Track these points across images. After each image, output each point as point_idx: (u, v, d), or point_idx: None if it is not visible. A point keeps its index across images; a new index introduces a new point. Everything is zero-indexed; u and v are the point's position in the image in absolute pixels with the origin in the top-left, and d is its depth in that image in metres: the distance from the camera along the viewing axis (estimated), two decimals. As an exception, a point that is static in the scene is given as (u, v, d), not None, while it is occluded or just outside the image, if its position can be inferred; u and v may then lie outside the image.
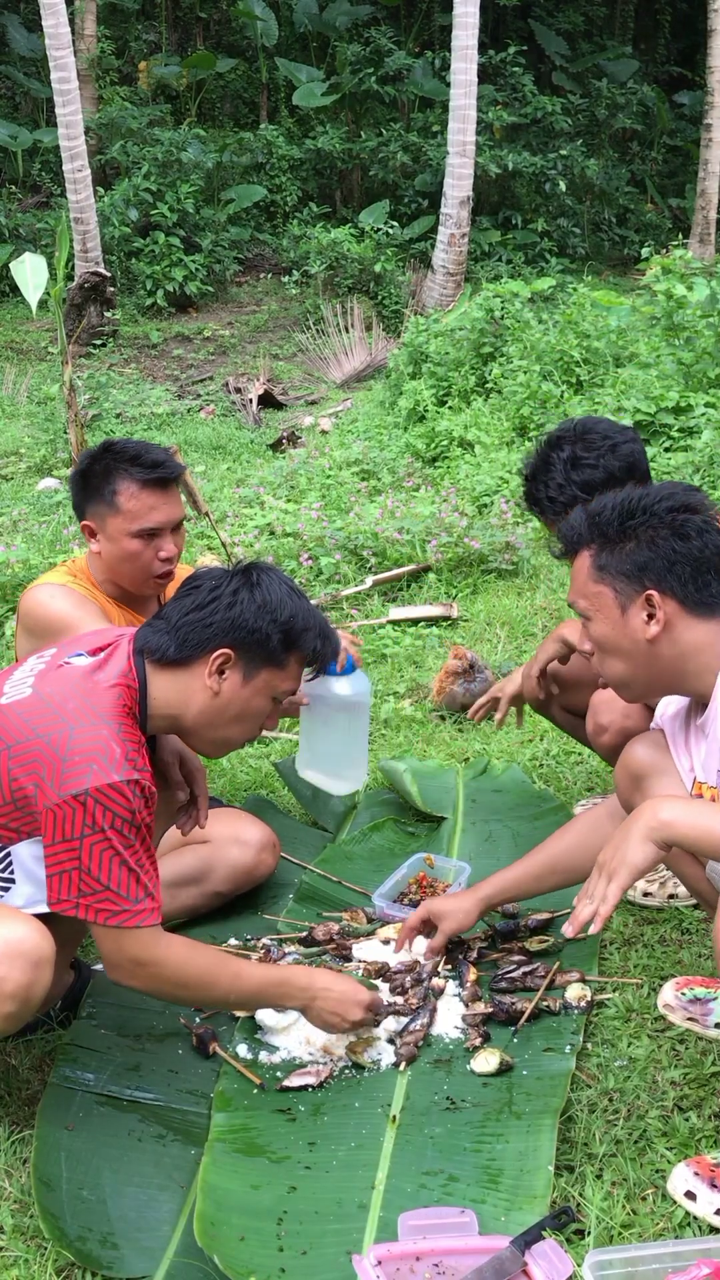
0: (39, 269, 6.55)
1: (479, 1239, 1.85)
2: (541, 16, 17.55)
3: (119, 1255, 1.90)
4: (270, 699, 2.20)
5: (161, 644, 2.13)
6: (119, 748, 1.99)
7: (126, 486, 2.82)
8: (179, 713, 2.15)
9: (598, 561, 2.08)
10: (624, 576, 2.05)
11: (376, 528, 5.63)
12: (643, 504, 2.06)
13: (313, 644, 2.20)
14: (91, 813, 1.94)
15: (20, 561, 5.20)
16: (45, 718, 2.02)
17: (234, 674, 2.14)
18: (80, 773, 1.95)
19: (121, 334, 12.15)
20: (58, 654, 2.18)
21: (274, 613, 2.14)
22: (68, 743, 1.97)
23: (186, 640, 2.12)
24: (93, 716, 2.01)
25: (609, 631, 2.08)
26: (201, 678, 2.13)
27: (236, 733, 2.22)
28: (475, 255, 14.28)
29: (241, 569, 2.20)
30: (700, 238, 14.26)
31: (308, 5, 16.49)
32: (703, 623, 2.03)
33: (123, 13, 16.65)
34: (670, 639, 2.04)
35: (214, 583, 2.17)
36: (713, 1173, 1.94)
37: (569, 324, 7.71)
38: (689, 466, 5.97)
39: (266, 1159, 2.07)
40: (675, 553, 2.02)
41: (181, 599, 2.17)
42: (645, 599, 2.03)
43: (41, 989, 1.98)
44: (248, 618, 2.12)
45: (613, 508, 2.09)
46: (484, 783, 3.55)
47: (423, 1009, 2.42)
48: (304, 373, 11.51)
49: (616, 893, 1.90)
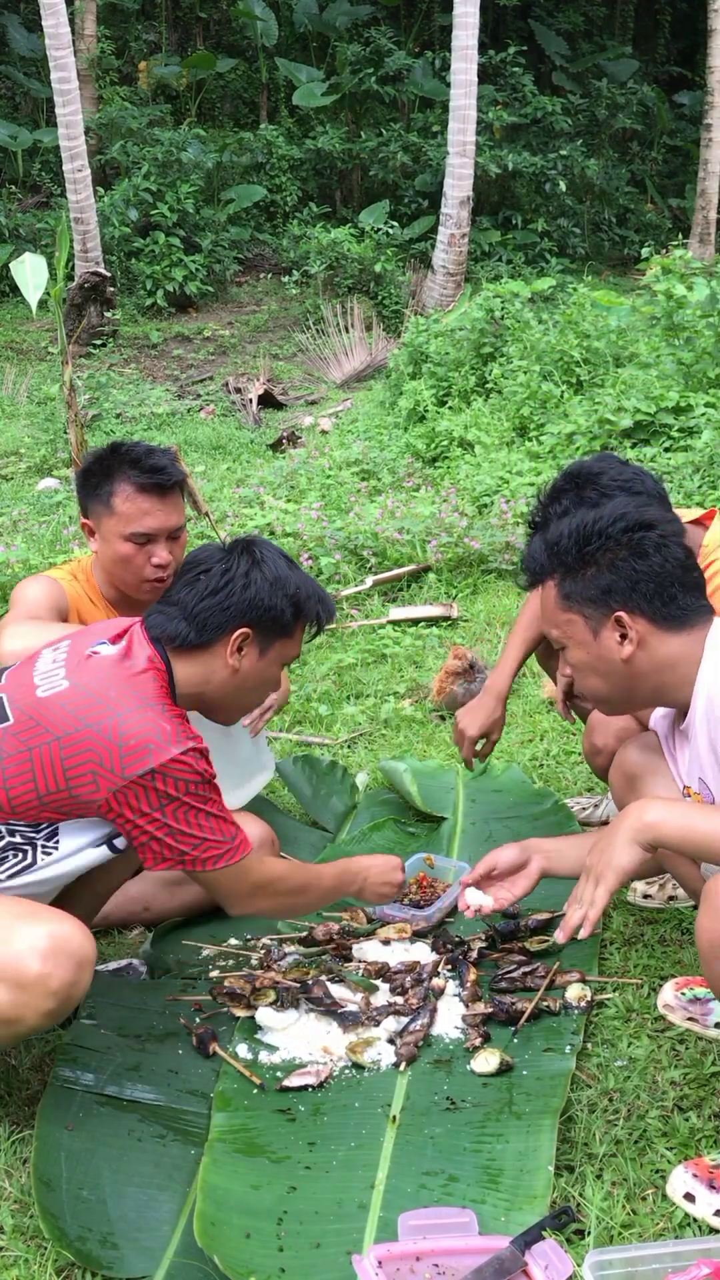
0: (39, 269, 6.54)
1: (479, 1239, 1.85)
2: (541, 16, 17.55)
3: (119, 1255, 1.90)
4: (280, 666, 2.33)
5: (180, 630, 2.20)
6: (168, 724, 2.08)
7: (123, 488, 2.80)
8: (202, 690, 2.25)
9: (563, 590, 2.10)
10: (591, 602, 2.06)
11: (376, 528, 5.63)
12: (598, 528, 2.07)
13: (315, 609, 2.32)
14: (164, 787, 2.05)
15: (20, 561, 5.21)
16: (90, 707, 2.08)
17: (252, 650, 2.25)
18: (140, 754, 2.04)
19: (121, 334, 12.15)
20: (77, 645, 2.22)
21: (284, 587, 2.25)
22: (119, 729, 2.05)
23: (207, 624, 2.20)
24: (136, 701, 2.09)
25: (585, 656, 2.10)
26: (223, 657, 2.23)
27: (253, 700, 2.36)
28: (475, 255, 14.29)
29: (241, 547, 2.28)
30: (700, 238, 14.27)
31: (308, 5, 16.50)
32: (675, 635, 2.05)
33: (123, 13, 16.65)
34: (645, 655, 2.05)
35: (223, 565, 2.24)
36: (711, 1174, 1.94)
37: (569, 324, 7.72)
38: (689, 466, 5.97)
39: (266, 1159, 2.07)
40: (637, 572, 2.04)
41: (192, 584, 2.23)
42: (615, 621, 2.05)
43: (82, 989, 2.03)
44: (263, 597, 2.22)
45: (569, 535, 2.10)
46: (484, 783, 3.55)
47: (423, 1009, 2.42)
48: (304, 373, 11.51)
49: (604, 896, 1.91)
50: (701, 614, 2.07)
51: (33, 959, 1.95)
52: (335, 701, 4.28)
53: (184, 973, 2.65)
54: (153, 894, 2.79)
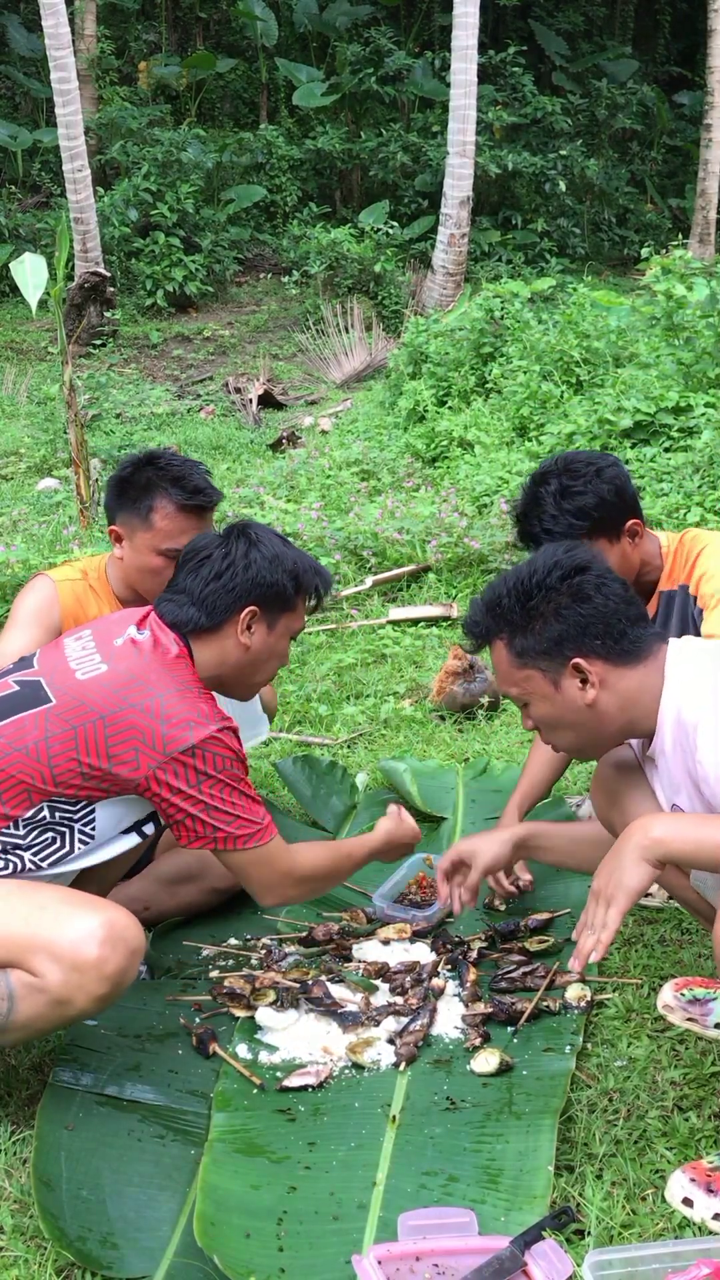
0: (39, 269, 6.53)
1: (479, 1239, 1.85)
2: (541, 16, 17.55)
3: (119, 1255, 1.90)
4: (287, 639, 2.44)
5: (191, 616, 2.31)
6: (206, 705, 2.23)
7: (164, 505, 2.81)
8: (219, 671, 2.36)
9: (515, 649, 2.10)
10: (545, 655, 2.07)
11: (376, 528, 5.63)
12: (535, 581, 2.09)
13: (313, 581, 2.43)
14: (202, 763, 2.17)
15: (20, 561, 5.20)
16: (133, 688, 2.19)
17: (260, 626, 2.35)
18: (181, 731, 2.16)
19: (121, 334, 12.15)
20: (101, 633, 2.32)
21: (283, 563, 2.36)
22: (162, 708, 2.17)
23: (215, 608, 2.31)
24: (176, 683, 2.22)
25: (550, 710, 2.10)
26: (234, 637, 2.34)
27: (265, 674, 2.45)
28: (475, 255, 14.29)
29: (237, 531, 2.39)
30: (700, 238, 14.27)
31: (308, 5, 16.49)
32: (633, 669, 2.06)
33: (123, 13, 16.65)
34: (609, 695, 2.06)
35: (223, 550, 2.35)
36: (709, 1178, 1.94)
37: (569, 324, 7.71)
38: (689, 466, 5.97)
39: (266, 1159, 2.07)
40: (583, 616, 2.05)
41: (196, 571, 2.34)
42: (573, 668, 2.05)
43: (131, 978, 2.09)
44: (265, 574, 2.33)
45: (509, 594, 2.11)
46: (484, 783, 3.55)
47: (423, 1009, 2.42)
48: (304, 373, 11.51)
49: (616, 918, 1.90)
50: (652, 641, 2.08)
51: (91, 943, 2.02)
52: (335, 701, 4.28)
53: (184, 973, 2.65)
54: (153, 893, 2.79)
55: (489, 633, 2.14)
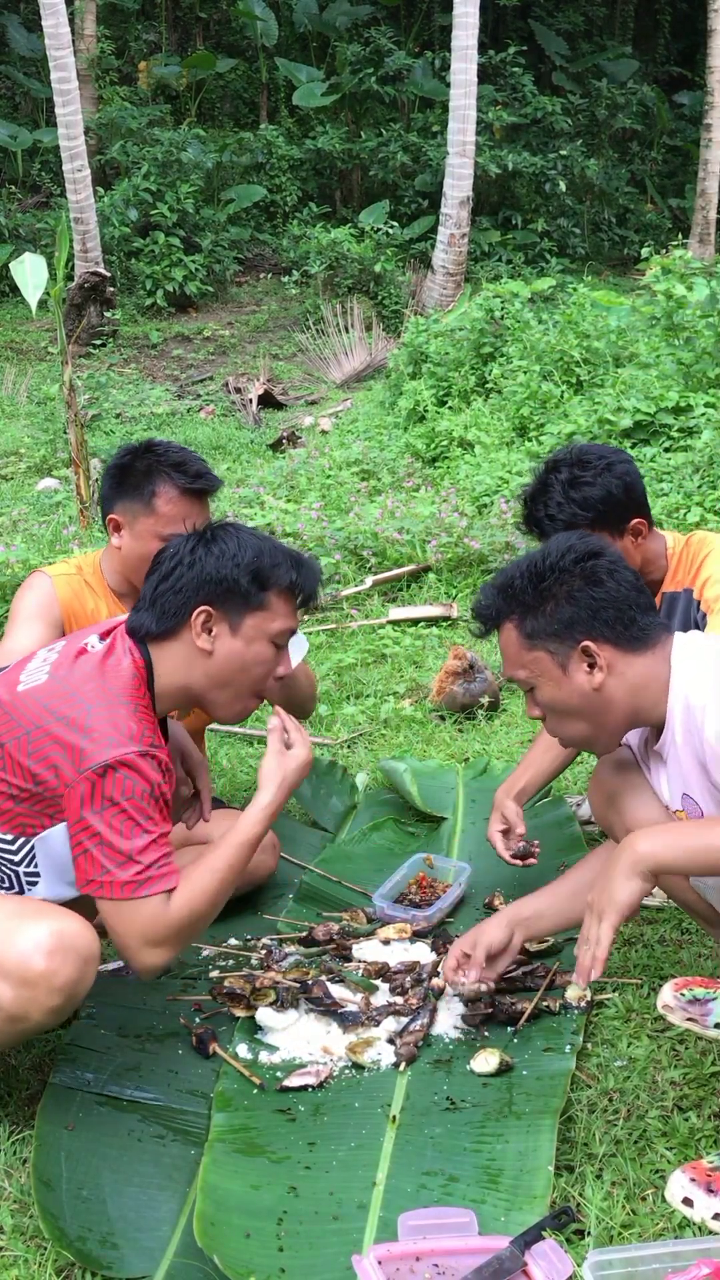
0: (39, 269, 6.53)
1: (479, 1239, 1.85)
2: (541, 16, 17.56)
3: (119, 1255, 1.90)
4: (269, 643, 2.20)
5: (144, 622, 2.16)
6: (135, 725, 2.04)
7: (166, 490, 2.81)
8: (186, 682, 2.18)
9: (525, 630, 2.10)
10: (555, 637, 2.07)
11: (376, 528, 5.63)
12: (549, 563, 2.09)
13: (287, 576, 2.20)
14: (110, 787, 1.99)
15: (20, 561, 5.20)
16: (63, 700, 2.07)
17: (221, 628, 2.16)
18: (99, 748, 1.99)
19: (121, 334, 12.15)
20: (70, 644, 2.21)
21: (235, 557, 2.15)
22: (86, 722, 2.02)
23: (165, 611, 2.15)
24: (109, 697, 2.06)
25: (556, 693, 2.10)
26: (191, 642, 2.15)
27: (246, 684, 2.23)
28: (475, 255, 14.29)
29: (201, 532, 2.22)
30: (700, 238, 14.27)
31: (308, 5, 16.49)
32: (640, 656, 2.06)
33: (123, 13, 16.65)
34: (616, 681, 2.06)
35: (173, 550, 2.19)
36: (709, 1178, 1.94)
37: (569, 324, 7.71)
38: (689, 466, 5.97)
39: (266, 1159, 2.07)
40: (595, 600, 2.05)
41: (150, 575, 2.20)
42: (582, 650, 2.05)
43: (87, 986, 2.02)
44: (210, 570, 2.14)
45: (522, 575, 2.11)
46: (484, 783, 3.55)
47: (423, 1009, 2.42)
48: (304, 373, 11.51)
49: (609, 932, 1.93)
50: (659, 631, 2.09)
51: (38, 956, 1.95)
52: (335, 701, 4.28)
53: (184, 973, 2.65)
54: None
55: (499, 614, 2.14)
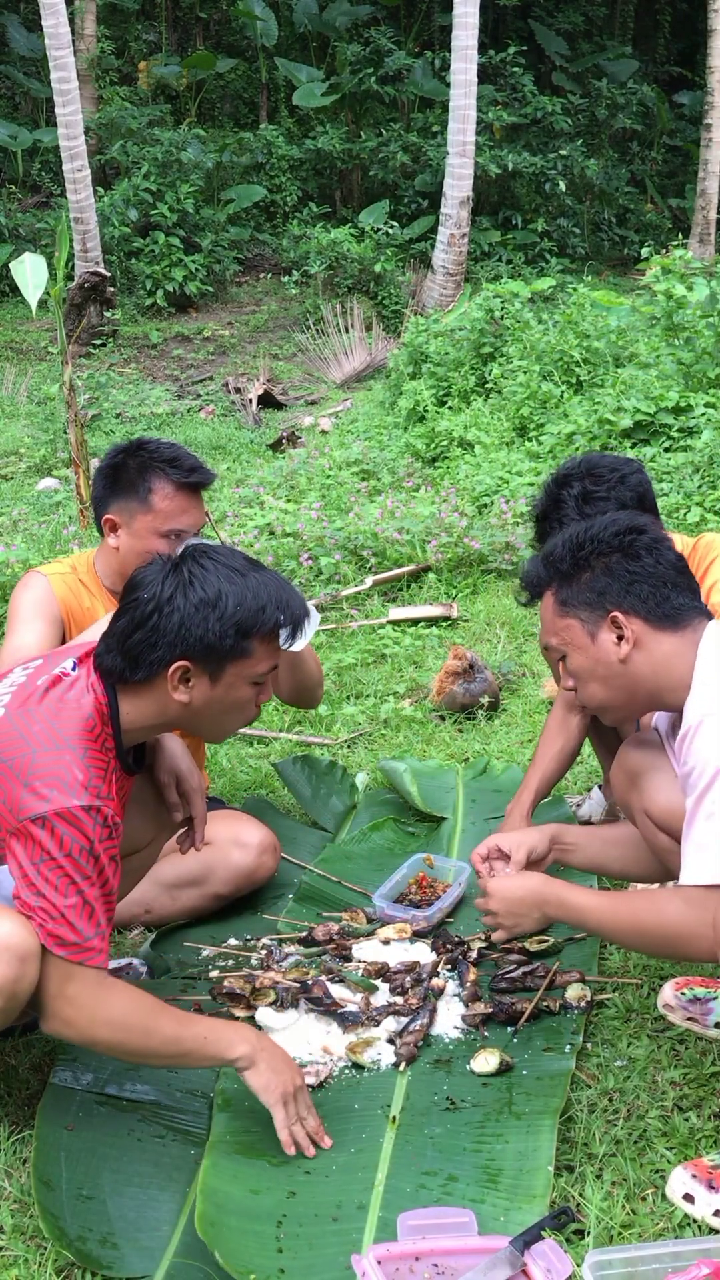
0: (39, 269, 6.53)
1: (478, 1239, 1.85)
2: (541, 16, 17.55)
3: (119, 1255, 1.90)
4: (250, 685, 2.10)
5: (115, 666, 2.04)
6: (80, 773, 1.93)
7: (162, 486, 2.81)
8: (161, 721, 2.09)
9: (560, 597, 2.13)
10: (587, 606, 2.10)
11: (376, 528, 5.63)
12: (590, 534, 2.12)
13: (272, 619, 2.05)
14: (46, 840, 1.89)
15: (20, 561, 5.21)
16: (11, 740, 1.97)
17: (200, 680, 2.04)
18: (39, 797, 1.90)
19: (121, 334, 12.15)
20: (42, 666, 2.13)
21: (217, 609, 2.01)
22: (30, 767, 1.93)
23: (139, 661, 2.02)
24: (57, 740, 1.96)
25: (584, 661, 2.12)
26: (167, 692, 2.04)
27: (230, 723, 2.15)
28: (475, 255, 14.29)
29: (173, 564, 2.06)
30: (700, 238, 14.27)
31: (308, 5, 16.49)
32: (670, 635, 2.07)
33: (123, 13, 16.66)
34: (642, 656, 2.08)
35: (147, 593, 2.03)
36: (710, 1175, 1.94)
37: (569, 324, 7.71)
38: (689, 466, 5.97)
39: (267, 1162, 2.06)
40: (630, 573, 2.07)
41: (123, 614, 2.06)
42: (611, 620, 2.07)
43: (28, 984, 1.92)
44: (191, 626, 2.00)
45: (563, 544, 2.14)
46: (484, 783, 3.55)
47: (423, 1009, 2.42)
48: (304, 373, 11.51)
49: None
50: (694, 614, 2.09)
51: None
52: (335, 701, 4.28)
53: (184, 973, 2.65)
54: (154, 897, 2.79)
55: (541, 583, 2.17)
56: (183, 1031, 2.03)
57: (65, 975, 1.94)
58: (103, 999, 1.96)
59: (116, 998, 1.98)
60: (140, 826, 2.30)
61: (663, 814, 2.21)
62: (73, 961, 1.93)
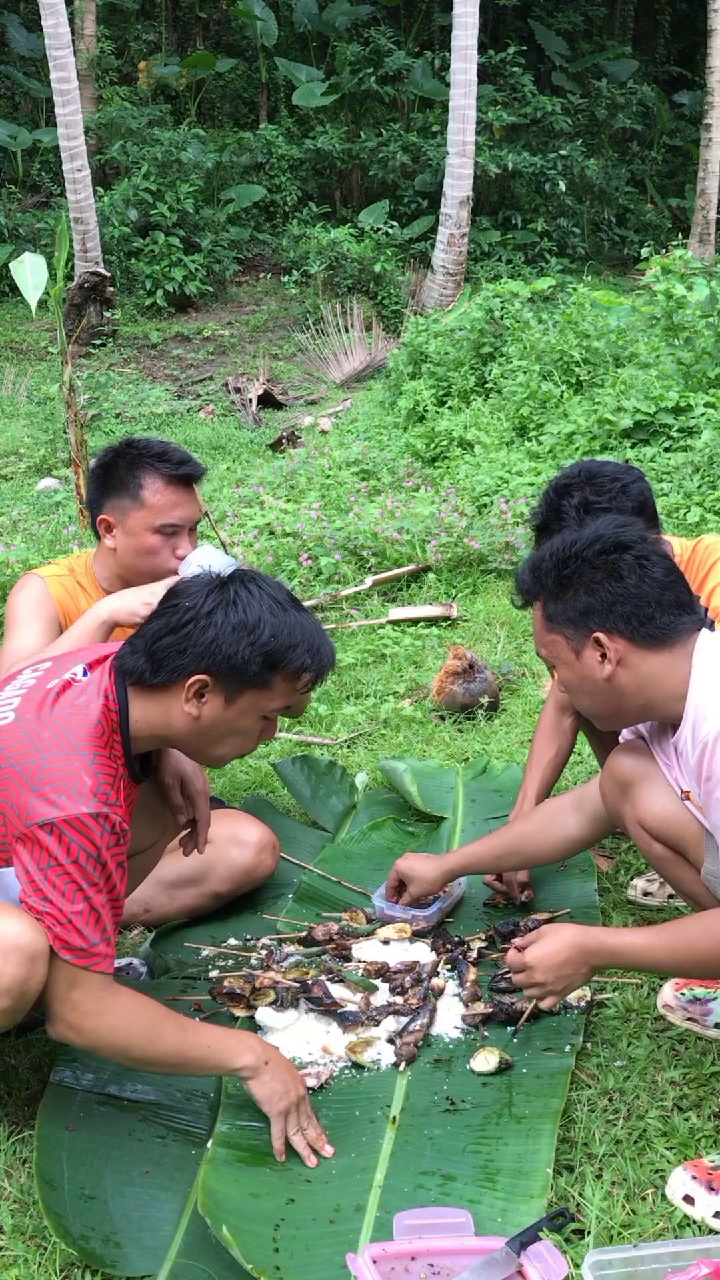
0: (39, 269, 6.52)
1: (475, 1239, 1.85)
2: (541, 16, 17.55)
3: (122, 1254, 1.91)
4: (259, 718, 2.11)
5: (138, 667, 2.05)
6: (90, 780, 1.94)
7: (152, 481, 2.83)
8: (163, 733, 2.09)
9: (547, 612, 2.15)
10: (571, 623, 2.11)
11: (376, 528, 5.63)
12: (574, 551, 2.12)
13: (300, 660, 2.07)
14: (54, 846, 1.90)
15: (20, 561, 5.21)
16: (21, 745, 1.98)
17: (215, 698, 2.05)
18: (48, 803, 1.91)
19: (121, 334, 12.15)
20: (52, 669, 2.13)
21: (252, 634, 2.02)
22: (39, 772, 1.94)
23: (162, 665, 2.03)
24: (66, 746, 1.96)
25: (571, 675, 2.16)
26: (180, 702, 2.04)
27: (227, 750, 2.14)
28: (475, 255, 14.28)
29: (220, 582, 2.08)
30: (700, 238, 14.26)
31: (308, 5, 16.49)
32: (656, 654, 2.08)
33: (123, 13, 16.65)
34: (628, 674, 2.09)
35: (189, 602, 2.05)
36: (710, 1176, 1.94)
37: (569, 324, 7.71)
38: (689, 466, 5.97)
39: (268, 1169, 2.06)
40: (613, 594, 2.08)
41: (159, 616, 2.08)
42: (594, 641, 2.09)
43: (37, 984, 1.93)
44: (223, 643, 2.01)
45: (549, 558, 2.15)
46: (484, 783, 3.55)
47: (422, 1009, 2.42)
48: (304, 373, 11.51)
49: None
50: (684, 630, 2.09)
51: None
52: (335, 701, 4.27)
53: (184, 973, 2.65)
54: (152, 895, 2.79)
55: (532, 592, 2.19)
56: (186, 1039, 2.05)
57: (71, 981, 1.95)
58: (108, 1005, 1.98)
59: (122, 1004, 2.00)
60: (144, 828, 2.30)
61: (657, 823, 2.22)
62: (78, 966, 1.94)
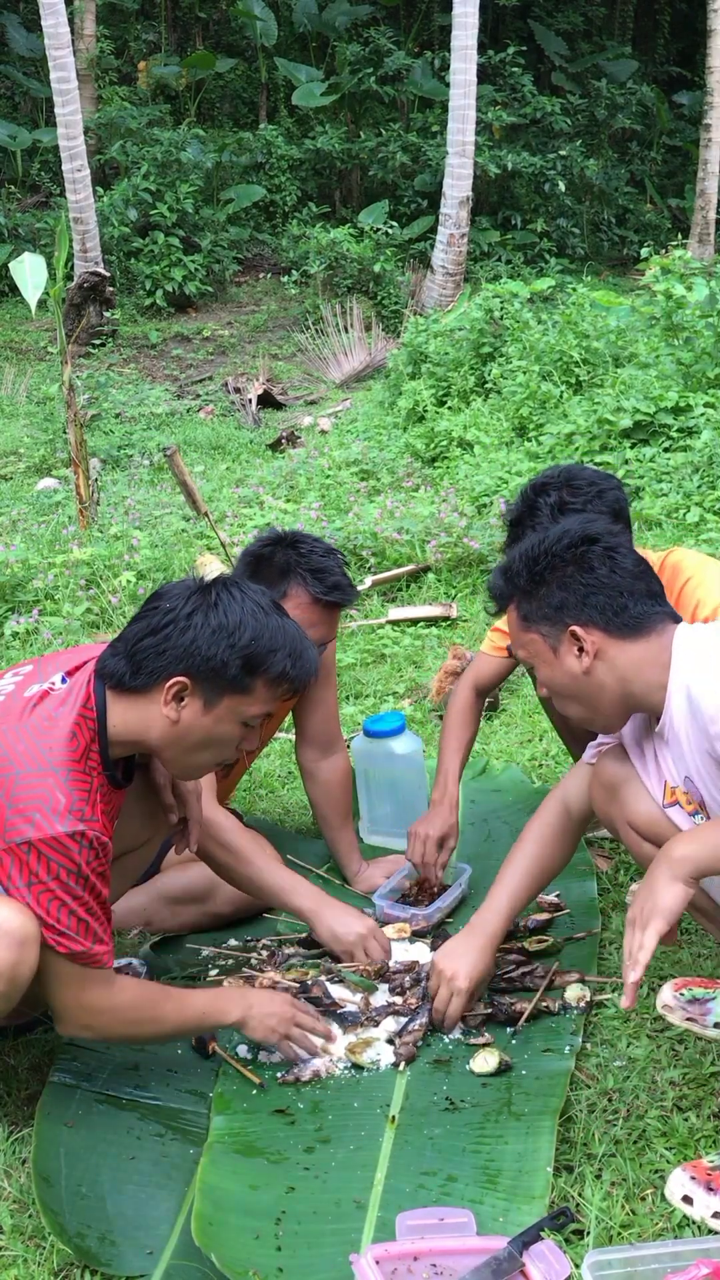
0: (38, 269, 6.52)
1: (477, 1239, 1.85)
2: (541, 16, 17.55)
3: (117, 1252, 1.90)
4: (239, 724, 2.10)
5: (118, 669, 2.04)
6: (64, 797, 1.93)
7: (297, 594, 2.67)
8: (141, 738, 2.08)
9: (521, 612, 2.15)
10: (546, 620, 2.11)
11: (376, 528, 5.63)
12: (544, 548, 2.12)
13: (281, 665, 2.07)
14: (34, 864, 1.92)
15: (19, 561, 5.20)
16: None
17: (193, 701, 2.05)
18: (23, 821, 1.91)
19: (121, 334, 12.15)
20: (32, 674, 2.12)
21: (232, 637, 2.02)
22: (12, 789, 1.93)
23: (141, 667, 2.03)
24: (40, 762, 1.95)
25: (551, 674, 2.15)
26: (159, 705, 2.04)
27: (204, 759, 2.14)
28: (475, 255, 14.28)
29: (202, 586, 2.08)
30: (700, 238, 14.26)
31: (307, 5, 16.48)
32: (633, 643, 2.08)
33: (122, 13, 16.65)
34: (605, 666, 2.08)
35: (170, 604, 2.05)
36: (709, 1176, 1.94)
37: (568, 324, 7.71)
38: (688, 466, 5.97)
39: (265, 1159, 2.07)
40: (585, 586, 2.08)
41: (140, 619, 2.08)
42: (570, 635, 2.09)
43: (28, 968, 1.94)
44: (202, 644, 2.01)
45: (519, 559, 2.15)
46: (484, 783, 3.54)
47: (422, 1009, 2.42)
48: (303, 373, 11.51)
49: (653, 937, 1.91)
50: (657, 619, 2.09)
51: None
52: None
53: (184, 973, 2.65)
54: (155, 910, 2.77)
55: (504, 596, 2.19)
56: (184, 1013, 2.18)
57: (80, 982, 2.02)
58: (114, 999, 2.06)
59: (127, 996, 2.09)
60: (136, 827, 2.30)
61: (646, 824, 2.22)
62: (82, 965, 2.00)
